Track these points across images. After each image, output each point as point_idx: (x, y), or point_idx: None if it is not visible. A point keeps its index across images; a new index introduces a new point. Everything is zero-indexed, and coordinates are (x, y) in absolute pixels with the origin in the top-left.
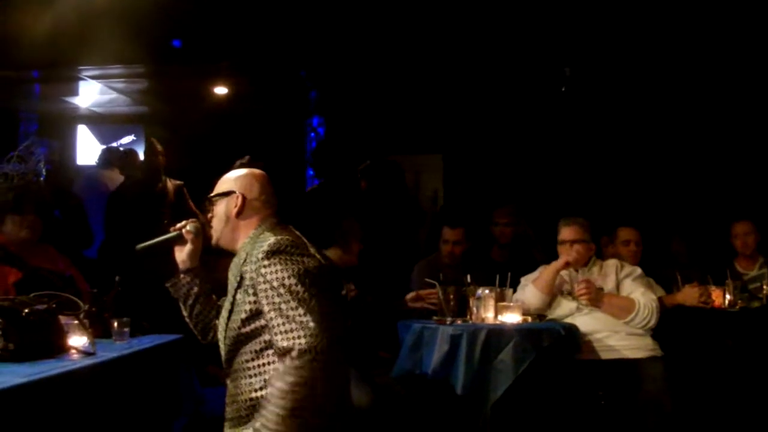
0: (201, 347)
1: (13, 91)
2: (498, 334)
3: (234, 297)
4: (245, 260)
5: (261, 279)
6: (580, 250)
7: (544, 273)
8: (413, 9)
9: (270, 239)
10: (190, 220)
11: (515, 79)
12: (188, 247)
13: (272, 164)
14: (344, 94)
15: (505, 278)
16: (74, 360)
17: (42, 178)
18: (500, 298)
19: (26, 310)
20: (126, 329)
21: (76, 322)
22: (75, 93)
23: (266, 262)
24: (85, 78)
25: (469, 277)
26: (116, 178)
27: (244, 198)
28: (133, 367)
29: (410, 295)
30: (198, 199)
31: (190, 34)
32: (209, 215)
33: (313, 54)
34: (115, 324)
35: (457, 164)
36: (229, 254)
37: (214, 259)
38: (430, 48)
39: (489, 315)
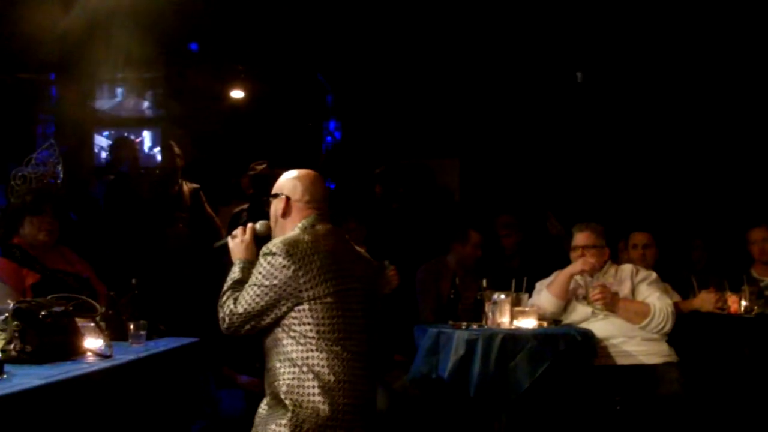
0: (216, 350)
1: (30, 93)
2: (513, 338)
3: None
4: None
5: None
6: (593, 256)
7: (558, 278)
8: (430, 14)
9: (271, 243)
10: (260, 221)
11: (532, 83)
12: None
13: (289, 168)
14: (361, 97)
15: (520, 283)
16: (91, 363)
17: (60, 181)
18: (516, 302)
19: (43, 312)
20: (142, 332)
21: (92, 324)
22: (92, 95)
23: (259, 260)
24: (103, 80)
25: (484, 281)
26: None
27: (287, 199)
28: (150, 370)
29: None
30: (214, 201)
31: (207, 37)
32: (267, 212)
33: (330, 57)
34: (132, 327)
35: (474, 168)
36: None
37: None
38: (447, 52)
39: (505, 320)
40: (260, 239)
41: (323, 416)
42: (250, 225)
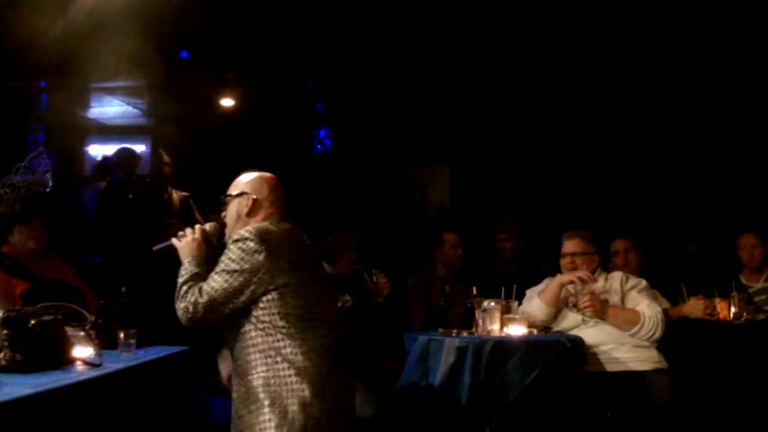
0: (206, 358)
1: (20, 101)
2: (504, 346)
3: None
4: None
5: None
6: (582, 264)
7: (549, 286)
8: (420, 23)
9: (243, 230)
10: (209, 223)
11: (522, 92)
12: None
13: (279, 176)
14: (351, 105)
15: (510, 291)
16: (81, 371)
17: (49, 189)
18: (506, 310)
19: (33, 321)
20: (132, 340)
21: (82, 333)
22: (83, 103)
23: (227, 249)
24: (93, 88)
25: (475, 289)
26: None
27: (254, 199)
28: (140, 379)
29: None
30: (205, 208)
31: (197, 45)
32: (223, 214)
33: (321, 65)
34: (122, 335)
35: (465, 176)
36: None
37: None
38: (438, 61)
39: (495, 327)
40: (208, 241)
41: (307, 402)
42: (198, 226)
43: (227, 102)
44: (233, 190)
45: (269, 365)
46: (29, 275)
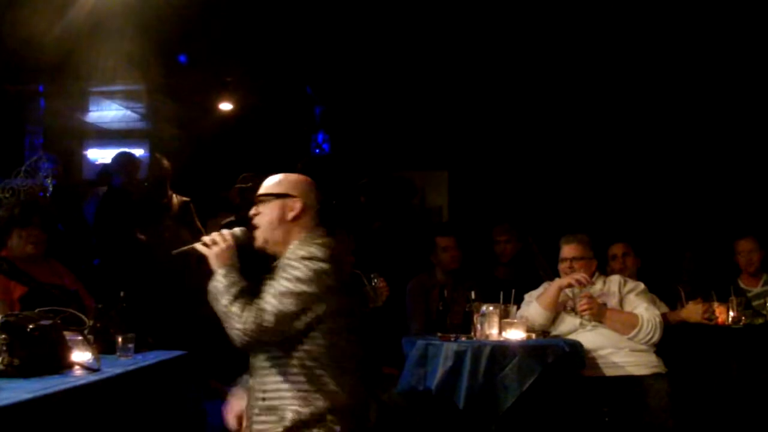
0: (204, 362)
1: (18, 104)
2: (502, 350)
3: (260, 286)
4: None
5: (280, 271)
6: (580, 269)
7: (547, 290)
8: (419, 27)
9: (313, 244)
10: (238, 228)
11: (520, 96)
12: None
13: None
14: (350, 110)
15: (509, 295)
16: (79, 376)
17: (48, 193)
18: (504, 314)
19: (31, 326)
20: (131, 345)
21: (80, 337)
22: (81, 107)
23: (295, 264)
24: (91, 92)
25: (473, 293)
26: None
27: (303, 204)
28: (138, 383)
29: None
30: (203, 212)
31: (196, 49)
32: (255, 213)
33: (319, 70)
34: (120, 339)
35: (463, 181)
36: None
37: None
38: (436, 65)
39: (493, 331)
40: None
41: None
42: (227, 231)
43: (225, 106)
44: (274, 189)
45: (309, 401)
46: (27, 279)
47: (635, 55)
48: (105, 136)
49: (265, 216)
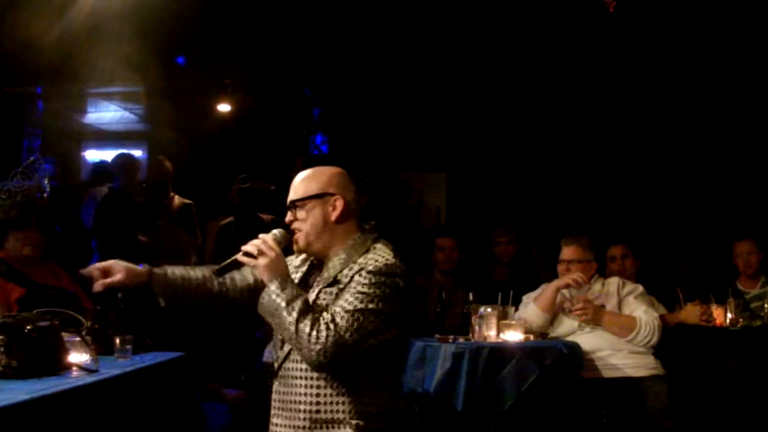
0: (202, 364)
1: (17, 106)
2: (500, 352)
3: (318, 294)
4: (347, 264)
5: (355, 283)
6: (579, 271)
7: (545, 292)
8: (418, 28)
9: (386, 255)
10: (276, 230)
11: (520, 98)
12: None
13: (275, 182)
14: (348, 111)
15: (507, 296)
16: (77, 377)
17: (46, 195)
18: (502, 316)
19: (29, 327)
20: (129, 346)
21: (78, 339)
22: (79, 109)
23: (374, 278)
24: (90, 94)
25: (471, 295)
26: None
27: (344, 201)
28: (136, 385)
29: None
30: (203, 214)
31: (194, 50)
32: (291, 220)
33: (317, 71)
34: (118, 341)
35: (461, 182)
36: None
37: None
38: (435, 67)
39: (491, 333)
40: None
41: None
42: (270, 237)
43: (224, 107)
44: (310, 189)
45: (370, 413)
46: (25, 281)
47: (634, 58)
48: (103, 137)
49: (305, 222)
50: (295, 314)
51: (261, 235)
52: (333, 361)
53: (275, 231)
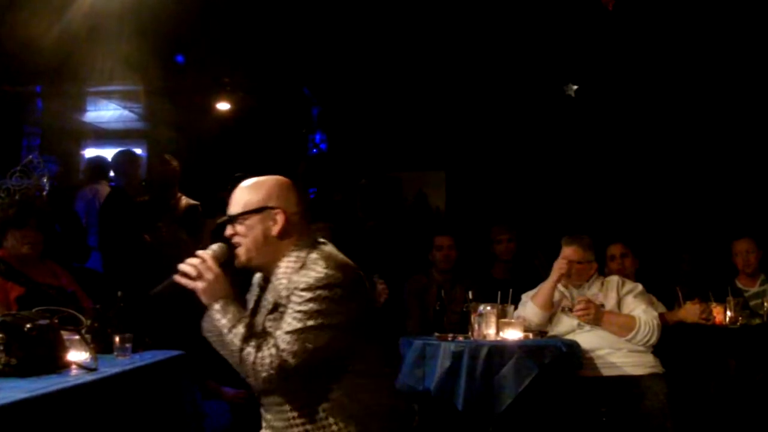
0: (201, 362)
1: (16, 105)
2: (500, 350)
3: (264, 322)
4: (284, 286)
5: (292, 304)
6: (578, 272)
7: (541, 289)
8: (417, 27)
9: (318, 268)
10: (215, 245)
11: (519, 96)
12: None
13: None
14: (347, 110)
15: (506, 295)
16: (76, 376)
17: (45, 193)
18: (502, 314)
19: (28, 326)
20: (128, 345)
21: (78, 337)
22: (79, 107)
23: (307, 295)
24: (89, 92)
25: (470, 293)
26: (104, 190)
27: (285, 214)
28: (136, 383)
29: None
30: (202, 215)
31: (193, 49)
32: (232, 234)
33: (316, 70)
34: (118, 339)
35: (461, 181)
36: None
37: None
38: (434, 65)
39: (490, 331)
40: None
41: None
42: (209, 254)
43: (223, 106)
44: (250, 204)
45: (352, 416)
46: (24, 280)
47: (633, 57)
48: (103, 136)
49: (244, 237)
50: (238, 341)
51: (199, 252)
52: (280, 384)
53: (213, 246)
